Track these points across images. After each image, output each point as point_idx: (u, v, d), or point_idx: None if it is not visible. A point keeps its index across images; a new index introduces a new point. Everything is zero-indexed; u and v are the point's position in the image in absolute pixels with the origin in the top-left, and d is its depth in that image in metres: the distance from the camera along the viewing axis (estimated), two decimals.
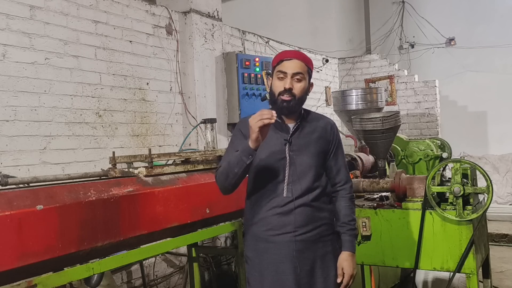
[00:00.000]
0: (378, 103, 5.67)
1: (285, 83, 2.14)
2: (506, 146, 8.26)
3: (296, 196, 2.15)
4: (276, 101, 2.17)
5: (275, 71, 2.20)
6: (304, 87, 2.18)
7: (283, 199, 2.15)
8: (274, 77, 2.20)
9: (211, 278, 4.50)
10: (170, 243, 2.66)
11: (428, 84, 7.79)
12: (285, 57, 2.18)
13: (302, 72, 2.17)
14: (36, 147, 3.37)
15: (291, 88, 2.13)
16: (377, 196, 3.27)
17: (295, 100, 2.15)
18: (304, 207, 2.16)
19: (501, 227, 6.43)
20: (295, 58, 2.17)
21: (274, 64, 2.22)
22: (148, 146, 4.20)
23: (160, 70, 4.50)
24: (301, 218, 2.15)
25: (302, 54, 2.25)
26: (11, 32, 3.26)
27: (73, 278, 2.15)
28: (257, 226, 2.21)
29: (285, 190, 2.15)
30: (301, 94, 2.17)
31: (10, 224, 1.86)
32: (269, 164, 2.18)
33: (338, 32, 9.08)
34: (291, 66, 2.16)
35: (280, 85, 2.16)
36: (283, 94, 2.14)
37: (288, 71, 2.15)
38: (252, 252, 2.25)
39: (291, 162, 2.17)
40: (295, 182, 2.16)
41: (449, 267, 2.78)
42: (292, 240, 2.14)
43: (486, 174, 2.70)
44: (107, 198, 2.26)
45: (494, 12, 8.73)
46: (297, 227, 2.14)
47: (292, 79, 2.14)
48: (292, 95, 2.14)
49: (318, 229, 2.20)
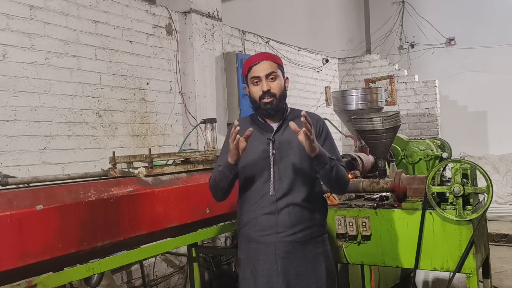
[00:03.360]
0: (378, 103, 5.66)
1: (262, 86, 2.17)
2: (506, 146, 8.25)
3: (282, 194, 2.16)
4: (260, 105, 2.19)
5: (248, 79, 2.23)
6: (280, 84, 2.21)
7: (270, 197, 2.16)
8: (250, 85, 2.23)
9: (211, 278, 4.50)
10: (170, 243, 2.66)
11: (428, 84, 7.79)
12: (253, 63, 2.21)
13: (273, 70, 2.19)
14: (36, 147, 3.37)
15: (269, 89, 2.16)
16: (377, 196, 3.26)
17: (276, 99, 2.18)
18: (293, 207, 2.16)
19: (501, 227, 6.43)
20: (262, 60, 2.20)
21: (245, 73, 2.24)
22: (148, 146, 4.20)
23: (160, 70, 4.50)
24: (289, 218, 2.15)
25: (267, 54, 2.29)
26: (11, 32, 3.26)
27: (73, 278, 2.15)
28: (248, 226, 2.23)
29: (271, 189, 2.16)
30: (280, 91, 2.20)
31: (10, 224, 1.86)
32: (255, 165, 2.20)
33: (338, 32, 9.08)
34: (262, 68, 2.19)
35: (258, 90, 2.19)
36: (264, 97, 2.17)
37: (260, 74, 2.18)
38: (244, 253, 2.26)
39: (275, 160, 2.18)
40: (280, 180, 2.17)
41: (449, 267, 2.78)
42: (280, 240, 2.15)
43: (486, 174, 2.70)
44: (107, 198, 2.26)
45: (494, 12, 8.73)
46: (285, 228, 2.15)
47: (266, 80, 2.17)
48: (272, 95, 2.17)
49: (308, 230, 2.19)
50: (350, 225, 2.96)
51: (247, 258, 2.23)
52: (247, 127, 2.19)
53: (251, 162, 2.20)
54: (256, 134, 2.18)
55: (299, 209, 2.18)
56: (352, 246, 3.01)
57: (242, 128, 2.08)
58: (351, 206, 3.09)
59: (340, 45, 8.85)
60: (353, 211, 3.03)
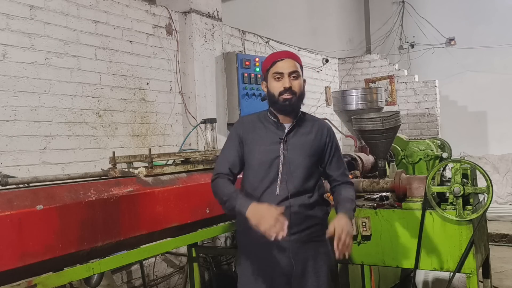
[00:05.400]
0: (378, 103, 5.66)
1: (284, 82, 2.17)
2: (506, 146, 8.26)
3: (288, 195, 2.16)
4: (278, 101, 2.19)
5: (270, 74, 2.22)
6: (301, 84, 2.22)
7: (276, 197, 2.16)
8: (270, 79, 2.22)
9: (211, 278, 4.50)
10: (170, 243, 2.66)
11: (428, 84, 7.79)
12: (277, 58, 2.21)
13: (297, 69, 2.20)
14: (36, 147, 3.37)
15: (291, 86, 2.16)
16: (377, 196, 3.27)
17: (296, 97, 2.18)
18: (297, 207, 2.17)
19: (501, 227, 6.43)
20: (288, 58, 2.21)
21: (267, 67, 2.23)
22: (148, 146, 4.20)
23: (160, 70, 4.50)
24: (293, 218, 2.15)
25: (292, 53, 2.29)
26: (11, 32, 3.26)
27: (73, 278, 2.15)
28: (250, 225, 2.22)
29: (278, 189, 2.17)
30: (300, 90, 2.21)
31: (10, 224, 1.86)
32: (264, 163, 2.19)
33: (338, 32, 9.08)
34: (286, 65, 2.19)
35: (279, 85, 2.18)
36: (284, 93, 2.16)
37: (284, 71, 2.18)
38: (245, 253, 2.26)
39: (285, 161, 2.18)
40: (288, 180, 2.17)
41: (449, 267, 2.78)
42: (285, 239, 2.15)
43: (486, 174, 2.70)
44: (107, 198, 2.26)
45: (494, 12, 8.73)
46: (290, 227, 2.15)
47: (289, 78, 2.17)
48: (292, 93, 2.17)
49: (311, 229, 2.21)
50: None
51: (248, 258, 2.24)
52: (255, 126, 2.22)
53: (260, 160, 2.20)
54: (267, 133, 2.20)
55: (303, 209, 2.18)
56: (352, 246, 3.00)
57: (250, 126, 2.17)
58: None
59: (340, 45, 8.85)
60: None
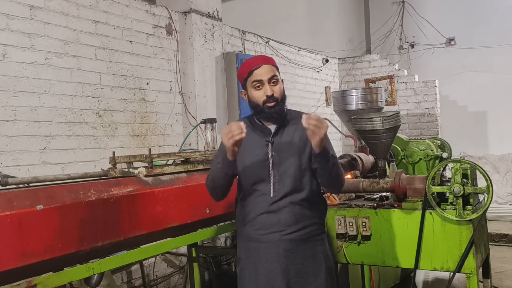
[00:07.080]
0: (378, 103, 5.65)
1: (266, 90, 2.16)
2: (506, 146, 8.26)
3: (283, 195, 2.17)
4: (263, 110, 2.18)
5: (249, 83, 2.20)
6: (281, 88, 2.21)
7: (270, 199, 2.17)
8: (250, 89, 2.20)
9: (211, 278, 4.50)
10: (170, 243, 2.66)
11: (428, 84, 7.79)
12: (254, 66, 2.18)
13: (275, 74, 2.19)
14: (36, 147, 3.37)
15: (273, 94, 2.16)
16: (377, 196, 3.26)
17: (279, 103, 2.18)
18: (292, 206, 2.17)
19: (501, 227, 6.43)
20: (263, 64, 2.19)
21: (244, 76, 2.21)
22: (148, 146, 4.20)
23: (160, 70, 4.50)
24: (289, 216, 2.16)
25: (266, 57, 2.28)
26: (11, 32, 3.26)
27: (73, 278, 2.15)
28: (248, 226, 2.24)
29: (272, 190, 2.17)
30: (281, 95, 2.20)
31: (10, 224, 1.86)
32: (254, 167, 2.20)
33: (338, 32, 9.08)
34: (264, 72, 2.17)
35: (261, 94, 2.17)
36: (268, 101, 2.16)
37: (263, 78, 2.16)
38: (244, 252, 2.27)
39: (274, 162, 2.18)
40: (280, 181, 2.17)
41: (449, 267, 2.78)
42: (281, 239, 2.16)
43: (486, 174, 2.70)
44: (107, 198, 2.26)
45: (494, 12, 8.73)
46: (286, 226, 2.16)
47: (269, 84, 2.16)
48: (275, 99, 2.16)
49: (308, 228, 2.21)
50: (350, 225, 2.96)
51: (247, 257, 2.24)
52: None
53: (250, 165, 2.20)
54: (255, 137, 2.20)
55: (300, 207, 2.19)
56: (352, 246, 3.01)
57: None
58: (351, 206, 3.09)
59: (340, 45, 8.85)
60: (353, 211, 3.03)
